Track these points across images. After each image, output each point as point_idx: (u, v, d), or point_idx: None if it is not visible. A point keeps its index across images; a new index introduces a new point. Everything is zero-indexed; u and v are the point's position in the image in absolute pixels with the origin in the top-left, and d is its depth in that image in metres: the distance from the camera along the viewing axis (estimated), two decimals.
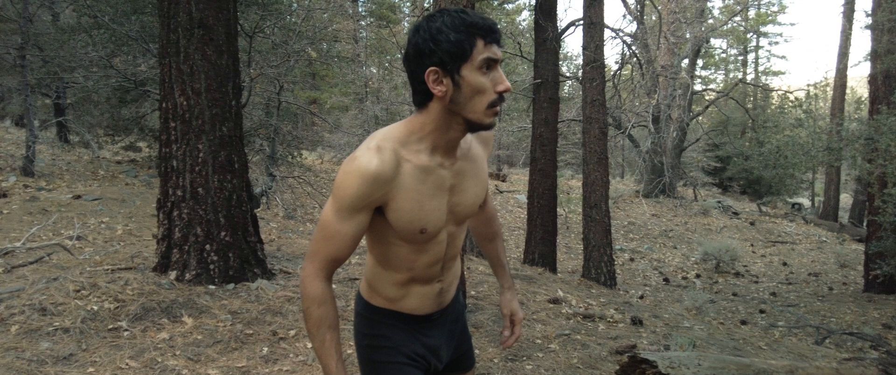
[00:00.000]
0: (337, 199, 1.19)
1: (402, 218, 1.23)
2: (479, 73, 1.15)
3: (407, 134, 1.22)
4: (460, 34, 1.13)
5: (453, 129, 1.22)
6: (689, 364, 2.89)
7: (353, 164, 1.17)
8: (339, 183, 1.18)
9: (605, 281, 6.43)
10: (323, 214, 1.22)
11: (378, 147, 1.18)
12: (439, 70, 1.15)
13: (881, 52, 7.62)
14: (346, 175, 1.17)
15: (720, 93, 17.71)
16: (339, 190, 1.18)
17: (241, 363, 3.07)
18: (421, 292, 1.37)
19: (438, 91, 1.16)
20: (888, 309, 7.44)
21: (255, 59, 7.97)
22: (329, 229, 1.21)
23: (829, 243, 13.97)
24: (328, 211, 1.21)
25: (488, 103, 1.17)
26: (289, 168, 10.01)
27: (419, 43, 1.15)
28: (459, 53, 1.13)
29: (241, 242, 4.23)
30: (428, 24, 1.15)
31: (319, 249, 1.23)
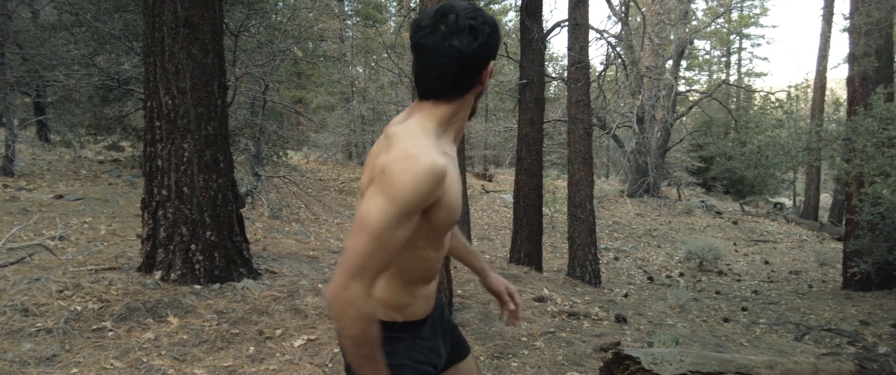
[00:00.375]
0: (397, 202, 1.08)
1: (446, 214, 1.20)
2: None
3: (438, 125, 1.21)
4: (497, 33, 1.21)
5: (467, 116, 1.27)
6: (672, 361, 2.94)
7: (417, 163, 1.09)
8: (400, 183, 1.08)
9: (590, 280, 6.50)
10: (373, 222, 1.08)
11: (432, 144, 1.15)
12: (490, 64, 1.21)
13: (858, 55, 7.78)
14: (408, 173, 1.09)
15: (703, 94, 17.91)
16: (401, 191, 1.08)
17: (228, 362, 3.06)
18: (426, 293, 1.35)
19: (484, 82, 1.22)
20: (865, 305, 7.60)
21: (240, 58, 7.93)
22: (383, 238, 1.08)
23: (810, 242, 14.20)
24: (381, 218, 1.08)
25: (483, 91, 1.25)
26: (274, 168, 9.96)
27: (488, 36, 1.18)
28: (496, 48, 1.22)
29: (226, 242, 4.22)
30: (483, 19, 1.18)
31: (370, 264, 1.08)
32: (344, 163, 17.85)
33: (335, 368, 3.12)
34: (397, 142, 1.16)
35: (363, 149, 16.94)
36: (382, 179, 1.10)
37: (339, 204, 11.58)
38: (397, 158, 1.10)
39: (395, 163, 1.10)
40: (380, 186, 1.10)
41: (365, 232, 1.08)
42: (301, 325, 3.66)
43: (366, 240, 1.08)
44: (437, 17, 1.17)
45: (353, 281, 1.07)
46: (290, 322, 3.69)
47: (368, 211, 1.09)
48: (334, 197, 12.22)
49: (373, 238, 1.08)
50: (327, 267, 5.13)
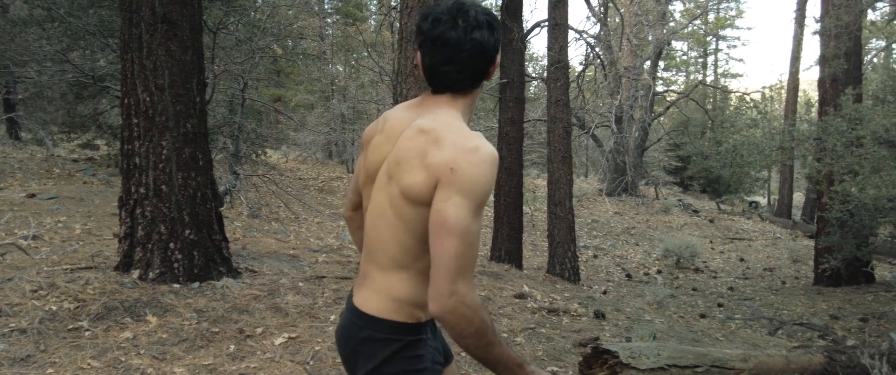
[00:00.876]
0: (476, 196, 1.10)
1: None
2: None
3: (463, 117, 1.24)
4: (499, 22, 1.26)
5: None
6: (649, 354, 3.00)
7: (482, 154, 1.12)
8: (474, 176, 1.10)
9: (570, 277, 6.57)
10: (459, 221, 1.07)
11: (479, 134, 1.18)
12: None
13: (829, 57, 7.98)
14: (480, 165, 1.11)
15: (681, 95, 18.20)
16: (477, 184, 1.10)
17: (208, 360, 3.05)
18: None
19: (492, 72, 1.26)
20: (835, 300, 7.80)
21: (218, 55, 7.85)
22: (472, 234, 1.09)
23: (784, 239, 14.53)
24: (464, 214, 1.08)
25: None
26: (253, 166, 9.88)
27: (497, 35, 1.22)
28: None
29: (205, 240, 4.18)
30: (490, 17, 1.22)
31: (468, 262, 1.08)
32: (324, 162, 17.76)
33: (316, 366, 3.13)
34: (445, 136, 1.15)
35: (343, 148, 16.87)
36: (454, 178, 1.09)
37: (320, 204, 11.53)
38: (461, 153, 1.11)
39: (462, 158, 1.10)
40: (453, 185, 1.09)
41: (452, 234, 1.07)
42: (282, 324, 3.65)
43: (456, 242, 1.07)
44: (454, 11, 1.18)
45: (458, 284, 1.07)
46: (270, 320, 3.68)
47: (450, 212, 1.08)
48: (314, 196, 12.15)
49: (461, 237, 1.07)
50: (307, 266, 5.11)
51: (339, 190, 13.05)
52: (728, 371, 3.26)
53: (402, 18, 3.84)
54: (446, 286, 1.07)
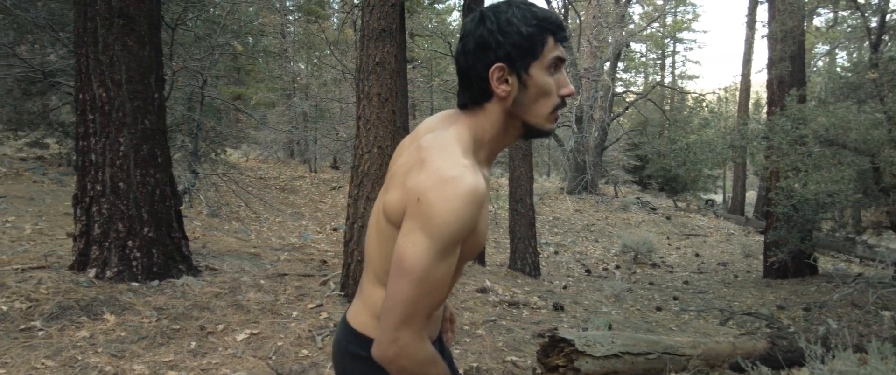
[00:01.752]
0: (441, 237, 0.93)
1: (477, 242, 1.05)
2: (547, 73, 1.03)
3: (473, 141, 1.06)
4: (532, 28, 1.01)
5: (509, 135, 1.09)
6: (603, 342, 3.13)
7: (457, 188, 0.93)
8: (442, 213, 0.92)
9: (530, 272, 6.71)
10: (416, 264, 0.93)
11: (469, 164, 0.99)
12: (505, 67, 1.02)
13: (776, 60, 8.36)
14: (449, 201, 0.93)
15: (639, 95, 18.68)
16: (445, 223, 0.92)
17: (168, 357, 3.02)
18: (437, 316, 1.23)
19: (502, 90, 1.03)
20: (782, 291, 8.18)
21: (177, 51, 7.70)
22: (431, 279, 0.94)
23: (737, 235, 15.07)
24: (425, 256, 0.93)
25: (552, 107, 1.06)
26: (212, 165, 9.72)
27: (485, 35, 1.01)
28: (530, 49, 1.01)
29: (165, 238, 4.13)
30: (495, 15, 1.02)
31: (419, 309, 0.95)
32: (285, 161, 17.55)
33: (279, 360, 3.14)
34: (431, 157, 0.99)
35: (305, 147, 16.71)
36: (419, 211, 0.94)
37: (281, 203, 11.41)
38: (434, 184, 0.94)
39: (432, 190, 0.94)
40: (417, 219, 0.94)
41: (407, 277, 0.94)
42: (244, 320, 3.64)
43: (408, 286, 0.94)
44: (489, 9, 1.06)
45: (400, 332, 0.96)
46: (232, 317, 3.67)
47: (407, 252, 0.94)
48: (275, 195, 12.02)
49: (417, 281, 0.94)
50: (269, 264, 5.09)
51: (301, 190, 12.93)
52: (678, 357, 3.42)
53: (363, 16, 3.87)
54: (389, 332, 0.96)
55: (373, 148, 3.83)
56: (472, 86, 1.05)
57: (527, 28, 1.01)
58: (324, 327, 3.63)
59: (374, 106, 3.80)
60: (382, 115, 3.82)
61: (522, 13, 1.02)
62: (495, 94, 1.03)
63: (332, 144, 15.33)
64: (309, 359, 3.18)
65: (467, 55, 1.04)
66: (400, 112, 7.02)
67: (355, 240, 3.97)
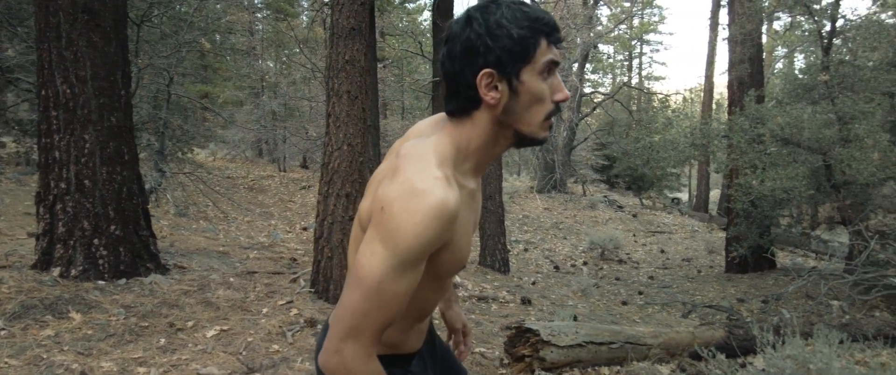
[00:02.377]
0: (399, 251, 0.88)
1: (454, 258, 1.00)
2: (540, 78, 0.96)
3: (456, 153, 0.99)
4: (524, 30, 0.93)
5: (499, 145, 1.02)
6: (568, 332, 3.23)
7: (423, 202, 0.88)
8: (403, 227, 0.87)
9: (500, 268, 6.82)
10: (369, 275, 0.88)
11: (445, 177, 0.93)
12: (495, 72, 0.94)
13: (735, 62, 8.65)
14: (413, 216, 0.87)
15: (606, 96, 19.03)
16: (404, 238, 0.87)
17: (137, 354, 3.02)
18: (419, 328, 1.18)
19: (491, 97, 0.95)
20: (743, 285, 8.47)
21: (142, 48, 7.57)
22: (385, 293, 0.89)
23: (701, 232, 15.49)
24: (380, 268, 0.88)
25: (546, 114, 0.99)
26: (179, 164, 9.58)
27: (472, 38, 0.94)
28: (522, 53, 0.94)
29: (132, 236, 4.09)
30: (484, 17, 0.94)
31: (369, 323, 0.90)
32: (254, 161, 17.36)
33: (249, 356, 3.16)
34: (404, 167, 0.94)
35: (274, 146, 16.55)
36: (381, 220, 0.89)
37: (250, 202, 11.30)
38: (401, 195, 0.89)
39: (397, 201, 0.88)
40: (378, 229, 0.89)
41: (360, 287, 0.89)
42: (213, 317, 3.65)
43: (360, 297, 0.89)
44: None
45: (345, 344, 0.90)
46: (201, 314, 3.66)
47: (363, 261, 0.90)
48: (244, 194, 11.89)
49: (369, 293, 0.89)
50: (238, 262, 5.07)
51: (270, 190, 12.82)
52: (640, 346, 3.55)
53: (333, 14, 3.91)
54: (334, 342, 0.91)
55: (343, 145, 3.87)
56: (459, 93, 0.98)
57: (518, 30, 0.93)
58: (294, 323, 3.65)
59: (344, 103, 3.84)
60: (352, 113, 3.86)
61: (513, 14, 0.94)
62: (484, 102, 0.96)
63: (301, 143, 15.22)
64: (279, 354, 3.21)
65: (454, 60, 0.96)
66: (370, 110, 7.05)
67: (325, 237, 4.00)
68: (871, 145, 6.34)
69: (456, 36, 0.96)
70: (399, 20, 20.91)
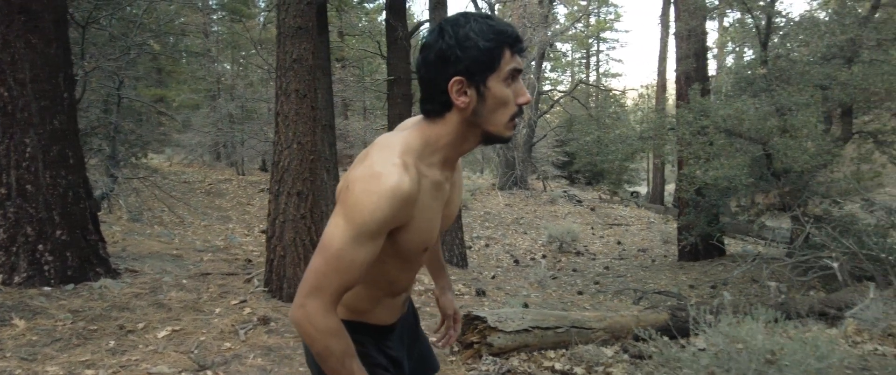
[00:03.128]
0: (356, 224, 1.03)
1: (413, 239, 1.13)
2: (505, 85, 1.08)
3: (423, 146, 1.12)
4: (490, 42, 1.05)
5: (469, 142, 1.15)
6: (514, 318, 3.35)
7: (380, 184, 1.02)
8: (360, 204, 1.02)
9: (458, 263, 6.93)
10: (330, 242, 1.04)
11: (404, 163, 1.06)
12: (464, 80, 1.06)
13: (682, 57, 8.97)
14: (371, 195, 1.02)
15: (563, 93, 19.39)
16: (361, 213, 1.02)
17: (85, 357, 3.00)
18: (390, 304, 1.31)
19: (461, 102, 1.07)
20: (694, 272, 8.80)
21: (89, 51, 7.40)
22: (343, 259, 1.04)
23: (657, 223, 15.94)
24: (340, 236, 1.03)
25: (510, 116, 1.11)
26: (133, 169, 9.38)
27: (444, 49, 1.05)
28: (488, 63, 1.06)
29: (79, 241, 4.04)
30: (454, 29, 1.06)
31: (328, 283, 1.05)
32: (211, 165, 17.06)
33: (201, 354, 3.17)
34: (372, 154, 1.09)
35: (232, 149, 16.30)
36: (345, 198, 1.05)
37: (207, 206, 11.13)
38: (362, 176, 1.04)
39: (359, 181, 1.04)
40: (342, 205, 1.05)
41: (322, 252, 1.05)
42: (165, 318, 3.64)
43: (321, 260, 1.05)
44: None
45: (308, 300, 1.05)
46: (153, 315, 3.65)
47: (328, 231, 1.06)
48: (201, 199, 11.70)
49: (330, 259, 1.04)
50: (192, 265, 5.04)
51: (227, 193, 12.65)
52: (586, 330, 3.70)
53: (279, 14, 3.94)
54: (300, 298, 1.06)
55: (292, 143, 3.91)
56: (433, 96, 1.09)
57: (484, 42, 1.04)
58: (247, 321, 3.68)
59: (293, 102, 3.88)
60: (301, 111, 3.90)
61: (480, 27, 1.05)
62: (455, 105, 1.07)
63: (259, 146, 15.03)
64: (231, 351, 3.23)
65: (429, 67, 1.08)
66: (325, 109, 7.07)
67: (278, 236, 4.02)
68: (805, 135, 6.69)
69: (430, 45, 1.08)
70: (358, 20, 20.85)
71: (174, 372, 2.92)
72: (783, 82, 7.48)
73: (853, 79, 6.40)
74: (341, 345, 1.09)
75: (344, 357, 1.09)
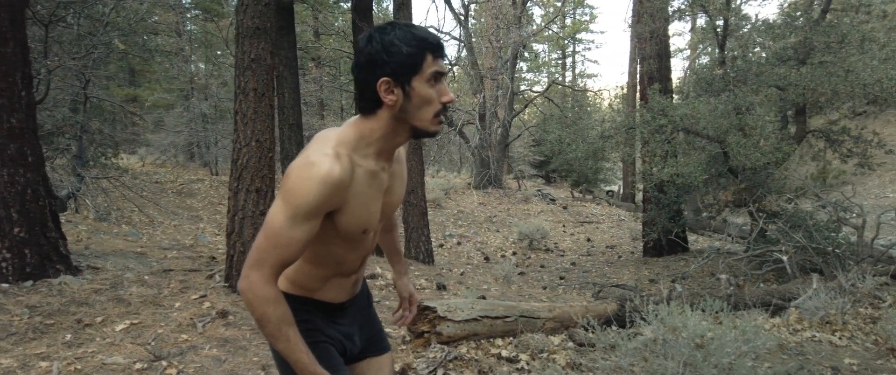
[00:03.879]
0: (292, 206, 1.17)
1: (351, 222, 1.28)
2: (428, 85, 1.22)
3: (357, 139, 1.25)
4: (412, 48, 1.19)
5: (399, 136, 1.28)
6: (464, 308, 3.49)
7: (313, 170, 1.17)
8: (295, 189, 1.17)
9: (424, 259, 7.05)
10: (271, 222, 1.19)
11: (337, 153, 1.20)
12: (391, 80, 1.20)
13: (644, 57, 9.22)
14: (304, 180, 1.16)
15: (537, 94, 19.64)
16: (296, 196, 1.17)
17: (40, 350, 3.06)
18: (339, 283, 1.44)
19: (389, 100, 1.21)
20: (656, 267, 9.04)
21: (52, 49, 7.36)
22: (281, 237, 1.18)
23: (627, 221, 16.24)
24: (279, 217, 1.18)
25: (434, 113, 1.25)
26: (102, 169, 9.32)
27: (372, 53, 1.19)
28: (411, 66, 1.20)
29: (39, 238, 4.08)
30: (380, 36, 1.20)
31: (267, 257, 1.19)
32: (185, 165, 16.94)
33: (158, 345, 3.25)
34: (310, 146, 1.24)
35: (205, 150, 16.21)
36: (284, 182, 1.19)
37: (178, 206, 11.10)
38: (299, 164, 1.18)
39: (296, 168, 1.18)
40: (281, 189, 1.19)
41: (264, 231, 1.20)
42: (124, 312, 3.70)
43: (262, 236, 1.20)
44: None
45: (251, 271, 1.19)
46: (112, 310, 3.71)
47: (270, 211, 1.21)
48: (172, 199, 11.65)
49: (270, 236, 1.19)
50: (155, 262, 5.09)
51: (199, 193, 12.60)
52: (535, 319, 3.85)
53: (238, 14, 4.02)
54: (244, 270, 1.21)
55: (251, 141, 4.00)
56: (365, 95, 1.23)
57: (407, 48, 1.19)
58: (206, 314, 3.76)
59: (251, 101, 3.97)
60: (259, 110, 4.00)
61: (404, 35, 1.19)
62: (384, 103, 1.22)
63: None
64: (188, 342, 3.32)
65: (361, 69, 1.22)
66: (291, 108, 7.14)
67: (237, 232, 4.11)
68: (758, 134, 6.95)
69: (361, 50, 1.22)
70: (335, 19, 20.86)
71: (129, 363, 3.00)
72: (740, 82, 7.74)
73: (801, 81, 6.67)
74: (278, 312, 1.21)
75: (281, 324, 1.22)
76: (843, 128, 8.09)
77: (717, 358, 3.01)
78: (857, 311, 5.06)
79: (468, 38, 17.76)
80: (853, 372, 3.81)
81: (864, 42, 6.95)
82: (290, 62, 7.09)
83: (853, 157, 8.19)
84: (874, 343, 4.38)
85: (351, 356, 1.53)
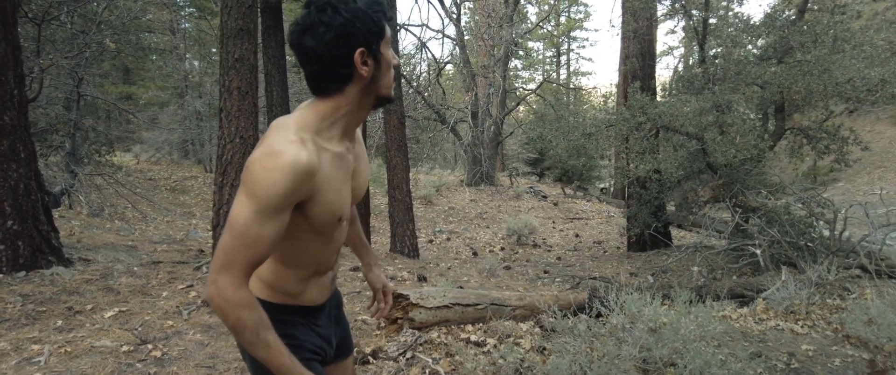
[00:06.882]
0: (258, 200, 1.06)
1: (323, 211, 1.18)
2: (388, 48, 1.19)
3: (319, 121, 1.17)
4: (375, 14, 1.14)
5: (364, 110, 1.22)
6: (436, 296, 3.68)
7: (279, 160, 1.06)
8: (261, 180, 1.06)
9: (409, 253, 7.24)
10: (236, 219, 1.08)
11: (301, 139, 1.11)
12: (365, 50, 1.14)
13: (628, 56, 9.41)
14: (270, 171, 1.06)
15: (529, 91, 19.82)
16: (262, 189, 1.06)
17: (33, 334, 3.24)
18: (319, 282, 1.36)
19: (364, 71, 1.15)
20: (638, 262, 9.24)
21: (45, 48, 7.52)
22: (249, 234, 1.07)
23: (616, 217, 16.44)
24: (244, 213, 1.07)
25: (392, 77, 1.22)
26: (96, 166, 9.48)
27: (344, 24, 1.11)
28: (379, 32, 1.15)
29: (31, 230, 4.25)
30: (345, 5, 1.12)
31: (236, 258, 1.08)
32: (179, 162, 17.08)
33: (145, 330, 3.43)
34: (269, 135, 1.13)
35: (200, 147, 16.36)
36: (245, 175, 1.08)
37: (171, 203, 11.26)
38: (261, 155, 1.08)
39: (257, 159, 1.07)
40: (243, 183, 1.08)
41: (229, 229, 1.08)
42: (113, 300, 3.88)
43: (228, 236, 1.08)
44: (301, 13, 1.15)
45: (219, 275, 1.08)
46: (102, 299, 3.89)
47: (233, 209, 1.09)
48: (165, 196, 11.81)
49: (236, 235, 1.07)
50: (145, 255, 5.27)
51: (192, 190, 12.77)
52: (505, 307, 4.04)
53: (222, 16, 4.20)
54: (212, 274, 1.09)
55: (235, 138, 4.18)
56: (333, 73, 1.14)
57: (372, 13, 1.13)
58: (191, 303, 3.94)
59: (235, 99, 4.14)
60: (243, 108, 4.17)
61: (350, 6, 1.12)
62: (355, 76, 1.14)
63: None
64: (173, 328, 3.50)
65: (328, 45, 1.11)
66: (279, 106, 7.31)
67: (222, 225, 4.29)
68: (735, 131, 7.15)
69: (323, 23, 1.11)
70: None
71: (116, 346, 3.18)
72: (720, 81, 7.94)
73: (777, 79, 6.87)
74: (253, 317, 1.10)
75: (258, 329, 1.11)
76: (821, 125, 8.30)
77: (670, 342, 3.21)
78: (824, 302, 5.26)
79: (460, 36, 17.94)
80: (808, 357, 4.01)
81: (837, 41, 7.15)
82: (278, 61, 7.26)
83: (830, 154, 8.40)
84: (833, 331, 4.59)
85: (328, 359, 1.45)
